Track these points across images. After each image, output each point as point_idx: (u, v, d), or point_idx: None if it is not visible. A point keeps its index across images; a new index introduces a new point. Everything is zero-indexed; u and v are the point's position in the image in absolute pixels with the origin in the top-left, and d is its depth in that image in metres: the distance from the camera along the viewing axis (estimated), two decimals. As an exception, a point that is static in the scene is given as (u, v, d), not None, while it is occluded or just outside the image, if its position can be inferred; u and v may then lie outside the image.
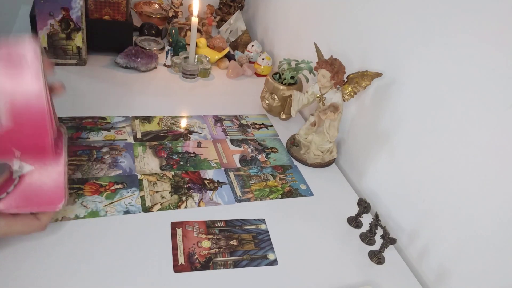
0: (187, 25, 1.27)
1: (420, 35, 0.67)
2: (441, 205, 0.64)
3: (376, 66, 0.77)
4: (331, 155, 0.85)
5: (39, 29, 0.92)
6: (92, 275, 0.53)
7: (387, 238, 0.63)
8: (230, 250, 0.62)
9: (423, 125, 0.67)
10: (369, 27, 0.79)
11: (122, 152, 0.76)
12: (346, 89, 0.78)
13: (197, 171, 0.76)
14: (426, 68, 0.66)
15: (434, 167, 0.65)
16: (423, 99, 0.67)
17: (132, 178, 0.70)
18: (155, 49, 1.15)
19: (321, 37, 0.96)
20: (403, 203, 0.72)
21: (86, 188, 0.66)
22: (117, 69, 1.04)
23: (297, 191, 0.77)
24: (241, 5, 1.45)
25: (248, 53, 1.23)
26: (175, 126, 0.87)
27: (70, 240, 0.57)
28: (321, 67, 0.76)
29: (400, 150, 0.73)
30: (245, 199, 0.72)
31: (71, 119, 0.81)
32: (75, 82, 0.94)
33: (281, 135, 0.93)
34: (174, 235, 0.62)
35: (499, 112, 0.54)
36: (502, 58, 0.53)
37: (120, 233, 0.60)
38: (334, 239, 0.69)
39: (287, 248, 0.64)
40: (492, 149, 0.55)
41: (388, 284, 0.63)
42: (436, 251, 0.65)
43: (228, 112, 0.98)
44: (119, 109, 0.88)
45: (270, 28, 1.30)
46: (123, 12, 1.03)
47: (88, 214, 0.62)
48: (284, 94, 0.93)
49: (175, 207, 0.67)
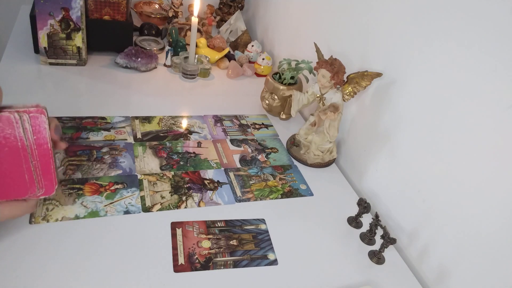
0: (187, 25, 1.27)
1: (420, 35, 0.67)
2: (441, 205, 0.64)
3: (376, 66, 0.77)
4: (331, 155, 0.85)
5: (39, 29, 0.92)
6: (92, 275, 0.53)
7: (387, 238, 0.63)
8: (230, 250, 0.62)
9: (423, 125, 0.67)
10: (369, 27, 0.79)
11: (122, 152, 0.76)
12: (346, 89, 0.78)
13: (197, 171, 0.76)
14: (426, 68, 0.66)
15: (434, 167, 0.65)
16: (423, 99, 0.67)
17: (132, 178, 0.70)
18: (155, 49, 1.15)
19: (321, 37, 0.96)
20: (403, 203, 0.72)
21: (86, 188, 0.66)
22: (117, 69, 1.04)
23: (297, 191, 0.77)
24: (241, 5, 1.45)
25: (248, 53, 1.23)
26: (175, 126, 0.87)
27: (70, 240, 0.57)
28: (321, 67, 0.76)
29: (400, 150, 0.73)
30: (245, 199, 0.72)
31: (71, 119, 0.81)
32: (75, 82, 0.95)
33: (281, 135, 0.93)
34: (174, 235, 0.62)
35: (499, 112, 0.54)
36: (502, 58, 0.53)
37: (120, 233, 0.60)
38: (334, 239, 0.69)
39: (287, 248, 0.64)
40: (492, 149, 0.55)
41: (388, 284, 0.63)
42: (436, 251, 0.65)
43: (228, 112, 0.98)
44: (119, 109, 0.88)
45: (270, 28, 1.30)
46: (123, 12, 1.03)
47: (88, 214, 0.62)
48: (284, 94, 0.93)
49: (175, 207, 0.67)
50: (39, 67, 0.96)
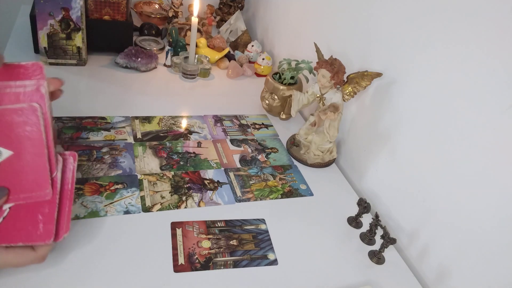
0: (187, 25, 1.27)
1: (420, 34, 0.67)
2: (441, 205, 0.64)
3: (376, 66, 0.77)
4: (331, 155, 0.85)
5: (39, 29, 0.92)
6: (92, 275, 0.53)
7: (387, 238, 0.63)
8: (230, 250, 0.62)
9: (423, 125, 0.67)
10: (369, 27, 0.79)
11: (122, 152, 0.76)
12: (346, 89, 0.78)
13: (197, 171, 0.76)
14: (426, 68, 0.66)
15: (434, 166, 0.65)
16: (423, 99, 0.67)
17: (132, 178, 0.70)
18: (155, 49, 1.15)
19: (321, 37, 0.96)
20: (403, 203, 0.72)
21: (86, 188, 0.66)
22: (117, 69, 1.04)
23: (297, 191, 0.77)
24: (241, 5, 1.44)
25: (248, 53, 1.23)
26: (175, 126, 0.87)
27: (70, 240, 0.57)
28: (321, 67, 0.76)
29: (400, 150, 0.73)
30: (245, 199, 0.72)
31: (71, 119, 0.81)
32: (75, 82, 0.95)
33: (281, 135, 0.93)
34: (174, 235, 0.62)
35: (499, 112, 0.54)
36: (502, 58, 0.53)
37: (120, 233, 0.60)
38: (334, 239, 0.69)
39: (287, 248, 0.64)
40: (492, 149, 0.55)
41: (388, 284, 0.63)
42: (436, 251, 0.65)
43: (228, 112, 0.98)
44: (119, 109, 0.88)
45: (270, 28, 1.30)
46: (123, 12, 1.03)
47: (88, 214, 0.62)
48: (284, 94, 0.93)
49: (175, 207, 0.67)
50: (39, 67, 0.96)
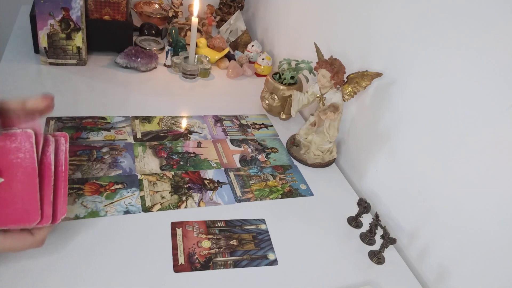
0: (187, 25, 1.27)
1: (420, 34, 0.67)
2: (441, 205, 0.64)
3: (376, 66, 0.77)
4: (331, 155, 0.85)
5: (39, 29, 0.92)
6: (92, 275, 0.53)
7: (387, 238, 0.63)
8: (230, 250, 0.62)
9: (423, 125, 0.67)
10: (369, 27, 0.79)
11: (122, 152, 0.76)
12: (346, 89, 0.78)
13: (197, 171, 0.76)
14: (426, 68, 0.66)
15: (435, 166, 0.65)
16: (423, 99, 0.67)
17: (132, 178, 0.70)
18: (155, 49, 1.15)
19: (321, 37, 0.96)
20: (403, 203, 0.72)
21: (86, 188, 0.66)
22: (117, 69, 1.04)
23: (297, 191, 0.77)
24: (241, 5, 1.44)
25: (248, 53, 1.23)
26: (175, 126, 0.87)
27: (70, 240, 0.57)
28: (321, 67, 0.76)
29: (400, 150, 0.73)
30: (245, 199, 0.72)
31: (71, 119, 0.81)
32: (75, 82, 0.94)
33: (281, 135, 0.93)
34: (174, 235, 0.62)
35: (499, 112, 0.54)
36: (502, 58, 0.53)
37: (120, 233, 0.60)
38: (334, 239, 0.69)
39: (287, 248, 0.64)
40: (492, 148, 0.55)
41: (388, 284, 0.63)
42: (436, 251, 0.65)
43: (228, 112, 0.98)
44: (119, 109, 0.88)
45: (270, 28, 1.30)
46: (123, 12, 1.03)
47: (88, 214, 0.62)
48: (284, 94, 0.93)
49: (175, 207, 0.67)
50: (39, 67, 0.96)
